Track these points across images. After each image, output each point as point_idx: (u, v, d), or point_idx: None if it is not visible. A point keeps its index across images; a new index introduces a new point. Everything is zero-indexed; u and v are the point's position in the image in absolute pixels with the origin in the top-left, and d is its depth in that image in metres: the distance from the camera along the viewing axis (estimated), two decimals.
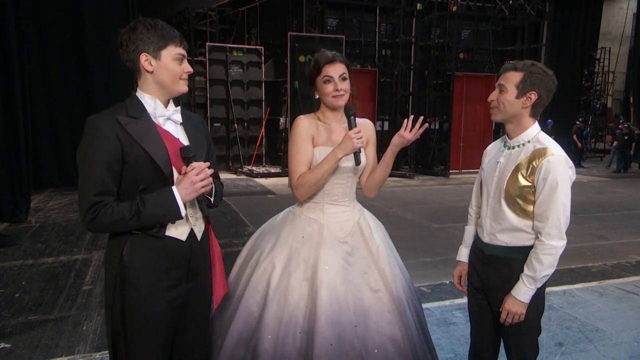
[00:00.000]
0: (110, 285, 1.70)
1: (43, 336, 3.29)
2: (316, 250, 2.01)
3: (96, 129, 1.62)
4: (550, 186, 1.85)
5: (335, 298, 1.93)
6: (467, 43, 13.30)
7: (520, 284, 1.93)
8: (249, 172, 11.59)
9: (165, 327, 1.74)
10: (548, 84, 1.92)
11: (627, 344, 3.30)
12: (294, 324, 1.92)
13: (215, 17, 13.62)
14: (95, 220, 1.61)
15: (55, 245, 5.43)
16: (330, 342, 1.87)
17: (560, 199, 1.86)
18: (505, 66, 1.99)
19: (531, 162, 1.90)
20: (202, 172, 1.68)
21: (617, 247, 5.94)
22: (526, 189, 1.91)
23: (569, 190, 1.89)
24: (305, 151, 2.06)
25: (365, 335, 1.95)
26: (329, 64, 2.04)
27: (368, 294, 2.02)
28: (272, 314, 1.94)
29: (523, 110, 1.94)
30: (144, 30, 1.67)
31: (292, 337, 1.91)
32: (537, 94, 1.91)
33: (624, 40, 19.66)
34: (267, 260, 2.05)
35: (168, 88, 1.73)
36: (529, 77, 1.90)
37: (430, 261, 5.20)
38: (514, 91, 1.92)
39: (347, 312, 1.93)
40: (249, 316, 1.98)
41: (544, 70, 1.92)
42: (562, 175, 1.86)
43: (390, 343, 1.97)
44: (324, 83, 2.05)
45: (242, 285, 2.07)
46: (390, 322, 2.00)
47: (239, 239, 5.80)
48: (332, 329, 1.89)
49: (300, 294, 1.95)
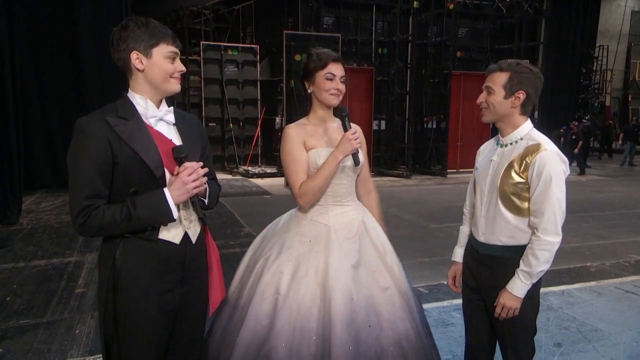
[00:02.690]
0: (103, 288, 1.68)
1: (35, 340, 3.25)
2: (325, 253, 2.00)
3: (85, 131, 1.60)
4: (545, 181, 1.86)
5: (349, 301, 1.93)
6: (465, 41, 13.31)
7: (516, 279, 1.93)
8: (245, 172, 11.56)
9: (159, 332, 1.72)
10: (535, 82, 1.93)
11: (626, 344, 3.29)
12: (308, 331, 1.91)
13: (209, 16, 13.57)
14: (86, 224, 1.59)
15: (47, 248, 5.38)
16: (349, 346, 1.87)
17: (555, 194, 1.86)
18: (491, 67, 2.00)
19: (524, 158, 1.91)
20: (194, 173, 1.65)
21: (616, 246, 5.93)
22: (520, 186, 1.92)
23: (563, 185, 1.89)
24: (300, 159, 2.06)
25: (380, 334, 1.95)
26: (335, 63, 2.06)
27: (379, 293, 2.02)
28: (284, 322, 1.92)
29: (513, 110, 1.95)
30: (135, 28, 1.64)
31: (307, 343, 1.89)
32: (525, 93, 1.92)
33: (622, 38, 19.73)
34: (274, 266, 2.02)
35: (160, 87, 1.70)
36: (515, 77, 1.91)
37: (428, 261, 5.17)
38: (502, 92, 1.94)
39: (360, 313, 1.94)
40: (258, 325, 1.95)
41: (530, 69, 1.93)
42: (556, 170, 1.86)
43: (405, 339, 1.98)
44: (326, 79, 2.04)
45: (247, 294, 2.03)
46: (402, 319, 2.01)
47: (234, 240, 5.77)
48: (348, 332, 1.89)
49: (313, 299, 1.94)
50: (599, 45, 17.82)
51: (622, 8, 20.14)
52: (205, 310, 1.89)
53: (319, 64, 2.05)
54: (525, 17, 13.45)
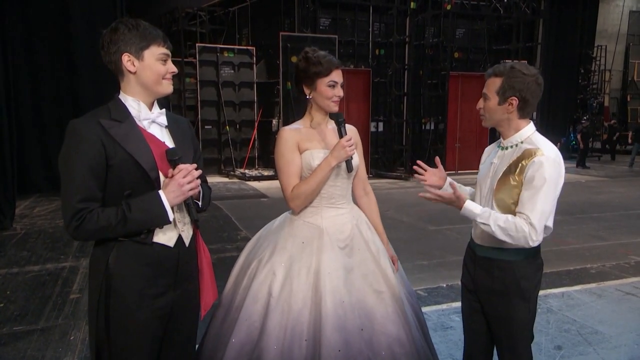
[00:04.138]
0: (95, 293, 1.67)
1: (29, 347, 3.21)
2: (317, 255, 2.00)
3: (78, 133, 1.59)
4: (536, 186, 1.83)
5: (339, 303, 1.93)
6: (462, 42, 13.31)
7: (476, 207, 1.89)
8: (241, 175, 11.51)
9: (151, 337, 1.71)
10: (530, 85, 1.89)
11: (627, 347, 3.27)
12: (299, 332, 1.91)
13: (205, 17, 13.56)
14: (80, 228, 1.57)
15: (41, 253, 5.33)
16: (338, 349, 1.87)
17: (541, 200, 1.83)
18: (488, 72, 1.99)
19: (520, 161, 1.90)
20: (189, 175, 1.65)
21: (616, 247, 5.89)
22: (515, 190, 1.90)
23: (552, 192, 1.86)
24: (293, 162, 2.07)
25: (371, 338, 1.95)
26: (337, 69, 2.06)
27: (372, 296, 2.02)
28: (275, 324, 1.92)
29: (510, 115, 1.94)
30: (125, 30, 1.65)
31: (298, 345, 1.89)
32: (519, 99, 1.90)
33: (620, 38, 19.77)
34: (266, 268, 2.03)
35: (152, 89, 1.70)
36: (507, 83, 1.89)
37: (427, 264, 5.14)
38: (496, 98, 1.93)
39: (352, 316, 1.93)
40: (251, 326, 1.96)
41: (524, 73, 1.89)
42: (550, 176, 1.84)
43: (397, 344, 1.97)
44: (328, 87, 2.05)
45: (240, 295, 2.04)
46: (395, 323, 2.00)
47: (231, 243, 5.74)
48: (338, 335, 1.88)
49: (304, 301, 1.94)
50: (597, 46, 17.80)
51: (620, 8, 20.18)
52: (197, 314, 1.88)
53: (322, 70, 2.03)
54: (523, 17, 13.45)
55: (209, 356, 2.02)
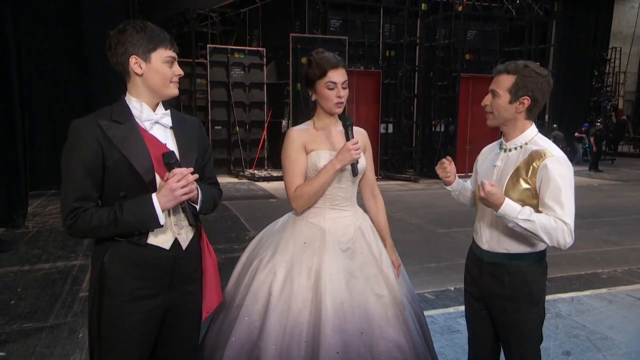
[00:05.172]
0: (91, 291, 1.69)
1: (38, 344, 3.24)
2: (318, 256, 1.99)
3: (77, 133, 1.62)
4: (557, 186, 1.81)
5: (340, 305, 1.91)
6: (473, 44, 13.20)
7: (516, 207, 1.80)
8: (251, 175, 11.53)
9: (143, 337, 1.71)
10: (542, 86, 1.87)
11: (637, 353, 3.23)
12: (299, 333, 1.90)
13: (216, 19, 13.61)
14: (74, 226, 1.60)
15: (52, 251, 5.38)
16: (337, 350, 1.86)
17: (569, 196, 1.81)
18: (498, 68, 1.94)
19: (530, 164, 1.86)
20: (183, 179, 1.63)
21: (628, 252, 5.82)
22: (527, 192, 1.87)
23: (572, 189, 1.85)
24: (298, 162, 2.06)
25: (371, 342, 1.94)
26: (334, 69, 2.01)
27: (373, 300, 2.00)
28: (275, 323, 1.92)
29: (518, 115, 1.91)
30: (133, 32, 1.65)
31: (296, 346, 1.89)
32: (531, 98, 1.87)
33: (636, 40, 19.48)
34: (267, 267, 2.03)
35: (159, 91, 1.71)
36: (521, 81, 1.86)
37: (435, 267, 5.11)
38: (507, 96, 1.89)
39: (352, 319, 1.92)
40: (250, 325, 1.96)
41: (537, 72, 1.87)
42: (567, 174, 1.83)
43: (397, 349, 1.96)
44: (327, 89, 2.01)
45: (241, 294, 2.04)
46: (396, 328, 1.99)
47: (239, 244, 5.74)
48: (337, 337, 1.87)
49: (304, 301, 1.93)
50: (611, 47, 17.57)
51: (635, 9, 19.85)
52: (198, 315, 1.87)
53: (317, 72, 2.01)
54: (536, 19, 13.32)
55: (209, 354, 2.03)
